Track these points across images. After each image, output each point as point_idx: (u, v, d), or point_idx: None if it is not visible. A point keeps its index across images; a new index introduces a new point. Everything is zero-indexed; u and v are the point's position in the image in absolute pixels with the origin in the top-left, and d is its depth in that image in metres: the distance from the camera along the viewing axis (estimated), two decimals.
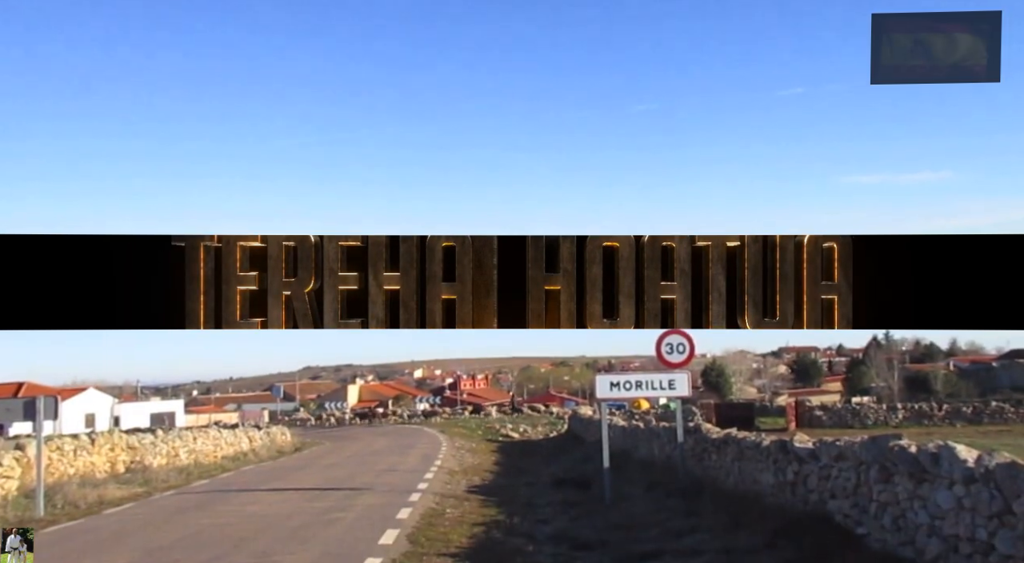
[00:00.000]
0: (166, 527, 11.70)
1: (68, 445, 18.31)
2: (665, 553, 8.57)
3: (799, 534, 7.80)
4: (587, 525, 11.06)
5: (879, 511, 7.02)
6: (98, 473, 18.61)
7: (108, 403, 64.86)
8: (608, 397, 13.95)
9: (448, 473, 19.93)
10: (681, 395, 13.82)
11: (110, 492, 15.58)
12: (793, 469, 9.19)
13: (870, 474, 7.19)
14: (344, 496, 14.76)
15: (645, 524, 10.56)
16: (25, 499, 13.80)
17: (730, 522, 9.47)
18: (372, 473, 19.56)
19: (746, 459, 11.11)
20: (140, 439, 21.90)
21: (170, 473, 19.83)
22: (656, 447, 17.86)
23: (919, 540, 6.31)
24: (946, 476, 5.94)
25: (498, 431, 44.37)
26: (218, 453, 26.15)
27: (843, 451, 7.82)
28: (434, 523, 11.44)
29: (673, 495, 12.17)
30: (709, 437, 13.45)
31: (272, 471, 21.97)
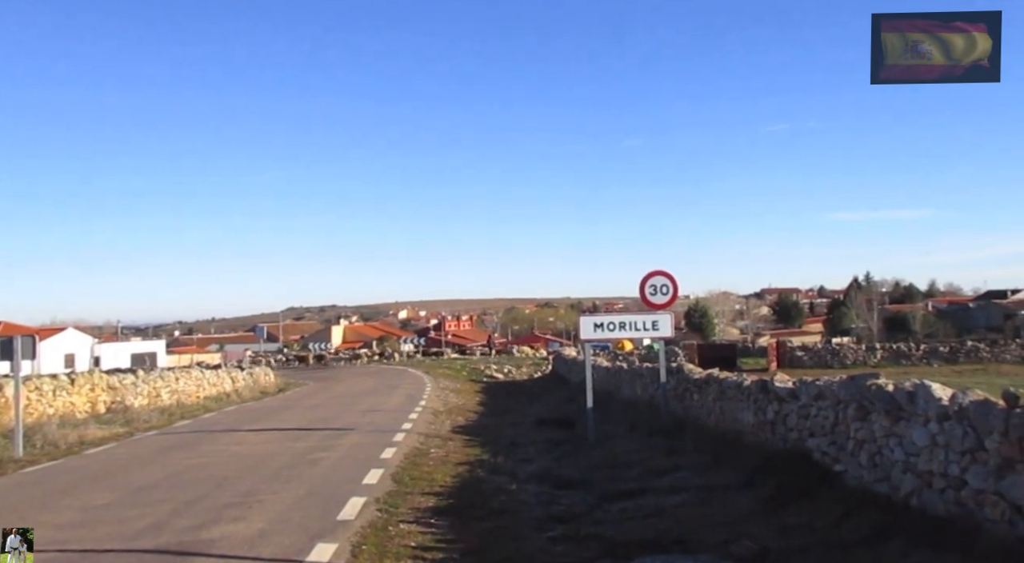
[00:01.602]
0: (149, 467, 11.78)
1: (47, 385, 18.28)
2: (647, 491, 8.74)
3: (778, 471, 7.97)
4: (570, 464, 11.25)
5: (856, 449, 7.16)
6: (78, 413, 18.64)
7: (88, 343, 64.80)
8: (592, 338, 14.06)
9: (432, 413, 20.12)
10: (664, 336, 13.94)
11: (91, 432, 15.61)
12: (773, 408, 9.34)
13: (848, 412, 7.31)
14: (328, 436, 14.88)
15: (628, 463, 10.75)
16: (3, 439, 13.81)
17: (711, 460, 9.65)
18: (356, 413, 19.71)
19: (727, 399, 11.27)
20: (121, 379, 21.85)
21: (152, 413, 19.86)
22: (639, 387, 18.09)
23: (894, 476, 6.45)
24: (921, 414, 6.05)
25: (483, 372, 44.76)
26: (200, 394, 26.20)
27: (822, 390, 7.94)
28: (418, 462, 11.58)
29: (655, 434, 12.38)
30: (691, 377, 13.61)
31: (255, 411, 22.08)
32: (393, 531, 7.31)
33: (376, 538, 7.03)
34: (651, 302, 14.08)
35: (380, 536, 7.11)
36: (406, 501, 8.74)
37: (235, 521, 7.76)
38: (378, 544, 6.82)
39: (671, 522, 7.20)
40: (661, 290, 14.07)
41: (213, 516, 8.01)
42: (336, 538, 6.96)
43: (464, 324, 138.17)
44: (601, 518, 7.72)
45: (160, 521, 7.86)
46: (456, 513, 8.14)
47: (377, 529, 7.37)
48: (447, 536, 7.18)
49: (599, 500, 8.58)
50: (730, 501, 7.73)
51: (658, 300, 14.08)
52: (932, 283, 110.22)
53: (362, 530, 7.31)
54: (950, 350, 42.64)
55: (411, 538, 7.08)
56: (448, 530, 7.40)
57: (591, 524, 7.46)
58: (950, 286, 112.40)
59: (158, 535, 7.25)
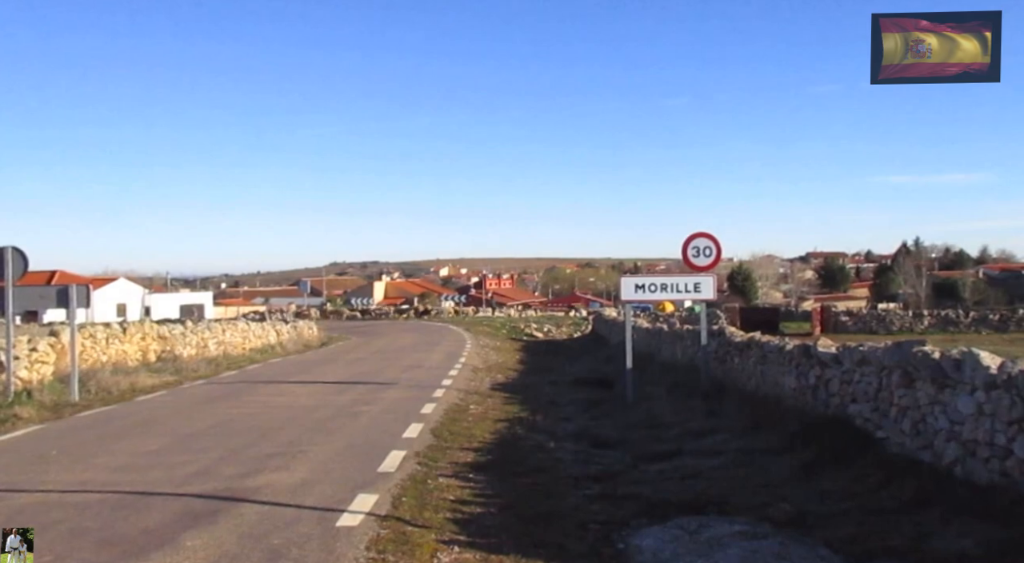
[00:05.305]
0: (197, 415, 12.10)
1: (100, 333, 18.79)
2: (684, 453, 8.75)
3: (818, 437, 7.91)
4: (609, 424, 11.30)
5: (899, 415, 7.08)
6: (130, 361, 19.15)
7: (139, 293, 66.32)
8: (633, 299, 14.00)
9: (472, 370, 20.31)
10: (706, 299, 13.83)
11: (142, 380, 16.06)
12: (815, 373, 9.24)
13: (892, 379, 7.21)
14: (369, 390, 15.12)
15: (666, 424, 10.76)
16: (60, 384, 14.27)
17: (750, 424, 9.62)
18: (397, 369, 19.98)
19: (769, 363, 11.18)
20: (170, 329, 22.37)
21: (200, 363, 20.36)
22: (679, 349, 18.02)
23: (937, 445, 6.37)
24: (968, 382, 5.94)
25: (522, 331, 44.94)
26: (246, 345, 26.73)
27: (866, 356, 7.83)
28: (457, 418, 11.72)
29: (695, 396, 12.35)
30: (733, 340, 13.51)
31: (299, 364, 22.50)
32: (432, 484, 7.44)
33: (416, 491, 7.16)
34: (694, 264, 13.95)
35: (419, 489, 7.23)
36: (445, 455, 8.86)
37: (279, 470, 7.96)
38: (417, 496, 6.95)
39: (708, 484, 7.21)
40: (704, 252, 13.92)
41: (258, 465, 8.22)
42: (377, 489, 7.10)
43: (505, 282, 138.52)
44: (638, 478, 7.76)
45: (207, 468, 8.09)
46: (494, 469, 8.24)
47: (416, 482, 7.50)
48: (485, 491, 7.28)
49: (636, 460, 8.62)
50: (768, 465, 7.71)
51: (701, 262, 13.94)
52: (984, 249, 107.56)
53: (402, 482, 7.44)
54: (1000, 318, 41.64)
55: (450, 492, 7.19)
56: (486, 485, 7.51)
57: (628, 484, 7.50)
58: (1003, 253, 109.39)
59: (205, 481, 7.47)
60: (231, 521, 6.09)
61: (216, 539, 5.64)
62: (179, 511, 6.40)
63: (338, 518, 6.18)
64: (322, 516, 6.25)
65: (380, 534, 5.80)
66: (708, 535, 5.65)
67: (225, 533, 5.79)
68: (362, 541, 5.62)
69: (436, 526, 6.05)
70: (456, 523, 6.16)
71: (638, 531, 5.91)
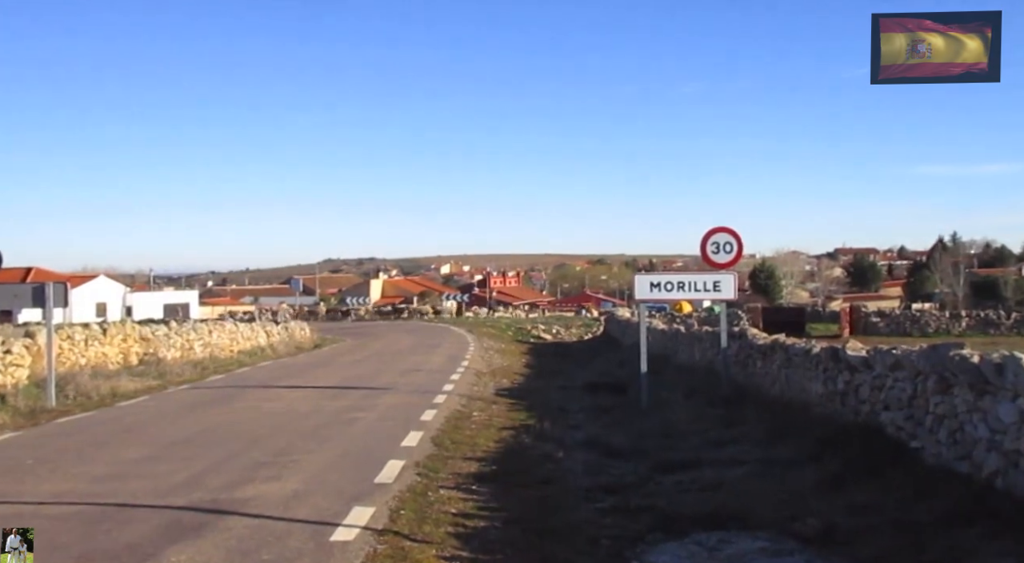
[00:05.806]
0: (182, 421, 12.14)
1: (79, 334, 18.83)
2: (703, 463, 8.73)
3: (847, 446, 7.89)
4: (621, 432, 11.28)
5: (935, 424, 7.05)
6: (110, 364, 19.20)
7: (120, 292, 66.41)
8: (648, 298, 13.98)
9: (475, 374, 20.31)
10: (726, 298, 13.80)
11: (124, 384, 16.08)
12: (844, 378, 9.22)
13: (927, 385, 7.19)
14: (365, 395, 15.14)
15: (683, 432, 10.74)
16: (36, 388, 14.31)
17: (774, 432, 9.60)
18: (395, 373, 20.00)
19: (794, 367, 11.16)
20: (154, 331, 22.39)
21: (185, 367, 20.41)
22: (697, 352, 18.01)
23: (976, 455, 6.35)
24: (1010, 388, 5.91)
25: (529, 332, 44.92)
26: (234, 347, 26.78)
27: (899, 360, 7.80)
28: (460, 426, 11.72)
29: (714, 403, 12.33)
30: (755, 343, 13.49)
31: (290, 368, 22.55)
32: (433, 496, 7.44)
33: (415, 503, 7.16)
34: (713, 261, 13.92)
35: (419, 501, 7.24)
36: (447, 466, 8.86)
37: (269, 481, 7.98)
38: (417, 509, 6.95)
39: (729, 496, 7.19)
40: (724, 248, 13.89)
41: (247, 475, 8.24)
42: (374, 501, 7.11)
43: (510, 280, 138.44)
44: (653, 490, 7.75)
45: (193, 477, 8.11)
46: (499, 480, 8.24)
47: (416, 494, 7.50)
48: (489, 504, 7.28)
49: (651, 470, 8.60)
50: (794, 476, 7.69)
51: (721, 259, 13.91)
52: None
53: (400, 494, 7.45)
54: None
55: (451, 504, 7.20)
56: (490, 498, 7.51)
57: (642, 496, 7.49)
58: None
59: (191, 492, 7.49)
60: (218, 535, 6.11)
61: (203, 554, 5.66)
62: (163, 524, 6.41)
63: (332, 532, 6.19)
64: (315, 530, 6.25)
65: (377, 549, 5.81)
66: (729, 552, 5.64)
67: (212, 548, 5.80)
68: (358, 557, 5.63)
69: (437, 541, 6.05)
70: (458, 538, 6.16)
71: (653, 547, 5.91)
